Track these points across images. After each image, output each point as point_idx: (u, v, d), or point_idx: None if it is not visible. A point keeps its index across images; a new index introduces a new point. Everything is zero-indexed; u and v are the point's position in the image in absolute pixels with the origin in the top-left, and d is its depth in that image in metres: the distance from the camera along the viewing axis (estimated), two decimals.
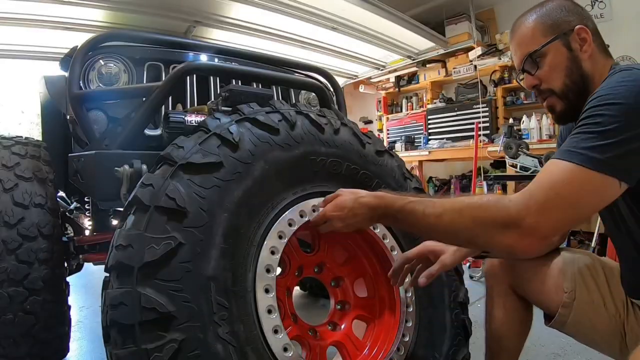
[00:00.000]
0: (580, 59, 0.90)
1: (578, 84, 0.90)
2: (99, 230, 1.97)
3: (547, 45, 0.90)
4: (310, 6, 2.69)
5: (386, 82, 5.57)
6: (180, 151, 0.89)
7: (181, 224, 0.81)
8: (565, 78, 0.91)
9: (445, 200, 0.81)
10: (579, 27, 0.90)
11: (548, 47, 0.91)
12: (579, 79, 0.90)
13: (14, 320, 1.16)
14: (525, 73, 0.96)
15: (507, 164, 3.60)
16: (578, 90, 0.90)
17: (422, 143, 4.90)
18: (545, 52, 0.91)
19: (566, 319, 1.02)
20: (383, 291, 1.20)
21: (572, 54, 0.90)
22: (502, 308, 1.12)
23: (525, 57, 0.93)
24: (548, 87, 0.94)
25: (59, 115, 1.88)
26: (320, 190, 1.06)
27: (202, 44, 1.86)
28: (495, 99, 4.44)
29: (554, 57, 0.91)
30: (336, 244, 1.24)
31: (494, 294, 1.15)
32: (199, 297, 0.78)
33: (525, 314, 1.13)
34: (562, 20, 0.91)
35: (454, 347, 1.14)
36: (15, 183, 1.27)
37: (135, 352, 0.73)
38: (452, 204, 0.80)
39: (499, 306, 1.13)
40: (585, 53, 0.90)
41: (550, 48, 0.91)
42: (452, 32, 4.30)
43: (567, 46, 0.90)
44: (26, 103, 5.29)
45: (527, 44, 0.94)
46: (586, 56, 0.90)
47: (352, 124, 1.22)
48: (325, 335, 1.13)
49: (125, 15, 2.43)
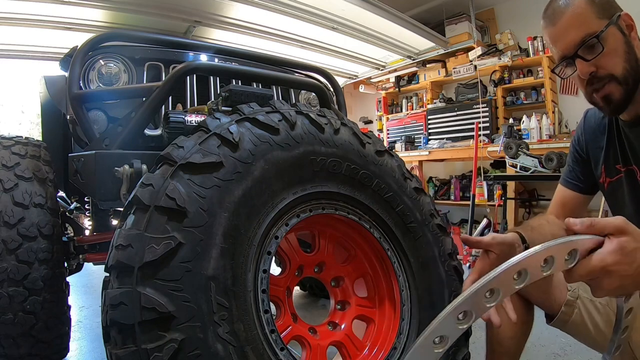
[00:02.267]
0: (633, 45, 0.87)
1: (635, 69, 0.87)
2: (99, 230, 1.98)
3: (607, 28, 0.84)
4: (310, 6, 2.69)
5: (386, 82, 5.57)
6: (180, 151, 0.89)
7: (181, 223, 0.81)
8: (625, 63, 0.86)
9: None
10: (624, 13, 0.87)
11: (607, 30, 0.85)
12: (635, 64, 0.87)
13: (14, 320, 1.16)
14: (578, 60, 0.88)
15: (507, 164, 3.60)
16: (635, 75, 0.87)
17: (422, 143, 4.90)
18: (605, 36, 0.85)
19: (568, 317, 1.02)
20: (383, 291, 1.20)
21: (626, 39, 0.87)
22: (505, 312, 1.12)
23: (584, 41, 0.85)
24: (608, 72, 0.87)
25: (59, 115, 1.88)
26: (320, 190, 1.06)
27: (202, 44, 1.86)
28: (495, 99, 4.44)
29: (614, 41, 0.85)
30: (336, 244, 1.24)
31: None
32: (199, 296, 0.78)
33: (526, 314, 1.12)
34: (610, 4, 0.88)
35: (454, 347, 1.14)
36: (15, 183, 1.27)
37: (135, 352, 0.73)
38: None
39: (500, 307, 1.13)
40: (634, 40, 0.88)
41: (609, 32, 0.85)
42: (452, 32, 4.30)
43: (622, 31, 0.87)
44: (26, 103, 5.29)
45: (581, 26, 0.86)
46: (636, 43, 0.88)
47: (352, 124, 1.22)
48: (325, 335, 1.13)
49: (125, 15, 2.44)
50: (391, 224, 1.17)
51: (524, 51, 4.18)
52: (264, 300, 0.90)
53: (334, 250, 1.24)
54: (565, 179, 1.20)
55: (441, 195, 4.93)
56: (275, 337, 0.88)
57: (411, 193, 1.23)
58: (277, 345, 0.87)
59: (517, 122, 4.12)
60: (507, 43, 4.26)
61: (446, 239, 1.25)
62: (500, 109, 4.42)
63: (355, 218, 1.14)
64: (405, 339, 1.10)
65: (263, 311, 0.88)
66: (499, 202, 3.85)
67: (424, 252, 1.20)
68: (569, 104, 4.01)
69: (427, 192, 1.30)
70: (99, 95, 1.33)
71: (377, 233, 1.17)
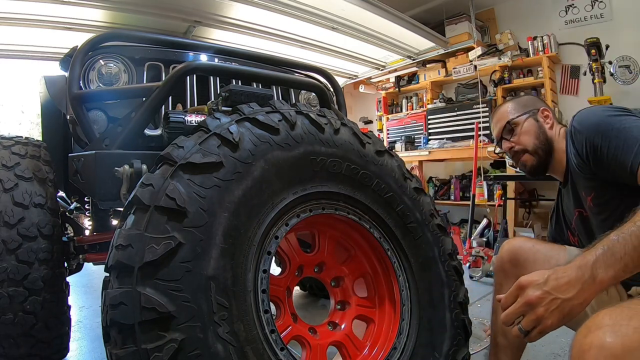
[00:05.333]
0: (545, 128, 1.23)
1: (544, 145, 1.22)
2: (99, 230, 1.98)
3: (520, 117, 1.25)
4: (310, 6, 2.69)
5: (386, 82, 5.56)
6: (180, 151, 0.89)
7: (181, 223, 0.81)
8: (535, 140, 1.22)
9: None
10: (543, 107, 1.26)
11: (521, 117, 1.25)
12: (545, 141, 1.22)
13: (14, 320, 1.16)
14: (503, 140, 1.28)
15: (507, 164, 3.60)
16: (545, 149, 1.21)
17: (422, 143, 4.90)
18: (518, 121, 1.25)
19: None
20: (383, 291, 1.20)
21: (539, 124, 1.24)
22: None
23: (504, 126, 1.26)
24: (522, 146, 1.24)
25: (59, 115, 1.88)
26: (320, 190, 1.06)
27: (202, 44, 1.86)
28: (495, 99, 4.44)
29: (526, 126, 1.24)
30: (336, 244, 1.24)
31: (502, 290, 1.18)
32: (199, 297, 0.78)
33: None
34: (530, 103, 1.28)
35: (454, 347, 1.14)
36: (15, 183, 1.27)
37: (135, 352, 0.73)
38: None
39: None
40: (548, 124, 1.24)
41: (522, 119, 1.24)
42: (452, 32, 4.30)
43: (535, 119, 1.24)
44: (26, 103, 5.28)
45: (505, 118, 1.27)
46: (548, 126, 1.23)
47: (352, 124, 1.22)
48: (325, 335, 1.13)
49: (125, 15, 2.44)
50: (391, 224, 1.17)
51: (524, 51, 4.18)
52: (264, 300, 0.90)
53: (334, 250, 1.24)
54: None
55: (441, 195, 4.93)
56: (275, 337, 0.88)
57: (411, 193, 1.23)
58: (277, 345, 0.88)
59: None
60: (507, 43, 4.26)
61: (446, 239, 1.26)
62: None
63: (355, 218, 1.14)
64: (405, 339, 1.10)
65: (263, 311, 0.88)
66: (499, 202, 3.85)
67: (424, 252, 1.20)
68: (569, 104, 4.00)
69: (427, 192, 1.30)
70: (99, 95, 1.33)
71: (377, 233, 1.17)
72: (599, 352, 0.56)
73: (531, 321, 0.73)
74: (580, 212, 1.19)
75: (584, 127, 1.04)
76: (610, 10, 3.79)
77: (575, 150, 1.07)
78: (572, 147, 1.09)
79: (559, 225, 1.35)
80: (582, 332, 0.61)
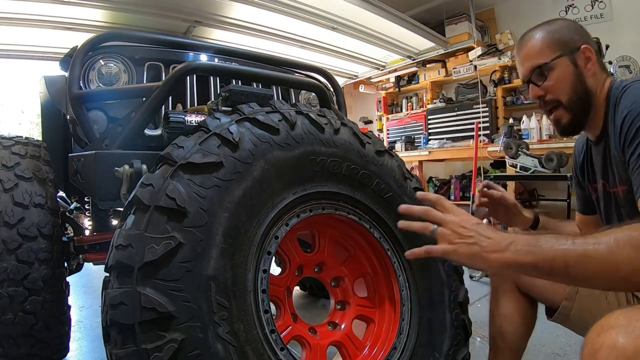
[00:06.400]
0: (585, 76, 0.97)
1: (582, 98, 0.98)
2: (99, 230, 1.98)
3: (556, 60, 0.97)
4: (310, 6, 2.69)
5: (386, 82, 5.57)
6: (180, 151, 0.89)
7: (181, 223, 0.81)
8: (571, 91, 0.98)
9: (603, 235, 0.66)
10: (584, 46, 0.97)
11: (556, 61, 0.97)
12: (583, 94, 0.97)
13: (14, 320, 1.16)
14: (531, 84, 1.02)
15: (507, 164, 3.60)
16: (582, 103, 0.98)
17: (422, 143, 4.90)
18: (553, 65, 0.97)
19: (569, 311, 1.05)
20: (383, 291, 1.20)
21: (578, 70, 0.97)
22: (507, 305, 1.14)
23: (534, 69, 1.00)
24: (554, 98, 1.00)
25: (59, 115, 1.88)
26: (320, 190, 1.06)
27: (202, 44, 1.86)
28: (495, 99, 4.44)
29: (561, 71, 0.97)
30: (336, 244, 1.24)
31: (499, 292, 1.17)
32: (199, 297, 0.78)
33: (530, 310, 1.15)
34: (569, 38, 0.99)
35: (454, 347, 1.14)
36: (15, 183, 1.27)
37: (135, 352, 0.73)
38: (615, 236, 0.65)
39: (504, 303, 1.15)
40: (589, 70, 0.97)
41: (558, 62, 0.97)
42: (452, 32, 4.30)
43: (574, 62, 0.97)
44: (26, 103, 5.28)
45: (535, 57, 1.00)
46: (590, 73, 0.97)
47: (352, 124, 1.22)
48: (325, 335, 1.13)
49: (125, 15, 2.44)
50: (391, 224, 1.17)
51: None
52: (264, 300, 0.90)
53: (334, 250, 1.24)
54: (580, 209, 1.25)
55: (441, 195, 4.93)
56: (275, 337, 0.88)
57: (411, 193, 1.23)
58: (277, 345, 0.88)
59: (517, 122, 4.11)
60: (507, 43, 4.26)
61: None
62: (500, 109, 4.41)
63: (355, 218, 1.14)
64: (405, 338, 1.10)
65: (263, 311, 0.88)
66: None
67: None
68: None
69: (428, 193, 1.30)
70: (99, 95, 1.33)
71: (377, 233, 1.17)
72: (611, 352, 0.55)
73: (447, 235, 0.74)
74: (605, 184, 1.04)
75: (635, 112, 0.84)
76: (610, 10, 3.79)
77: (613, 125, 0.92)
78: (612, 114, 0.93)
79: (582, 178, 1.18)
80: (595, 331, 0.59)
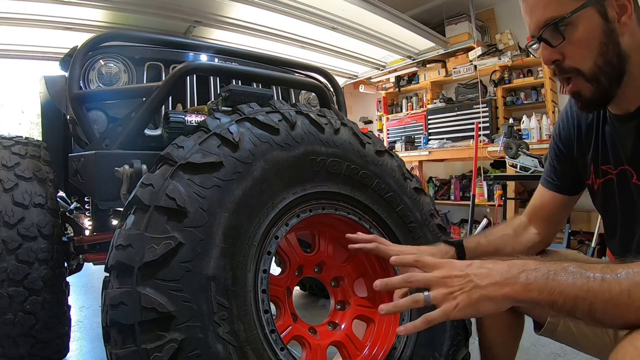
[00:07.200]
0: (618, 33, 0.70)
1: (613, 65, 0.71)
2: (99, 230, 1.98)
3: (579, 11, 0.69)
4: (310, 6, 2.69)
5: (386, 82, 5.56)
6: (180, 151, 0.89)
7: (181, 223, 0.81)
8: (597, 57, 0.71)
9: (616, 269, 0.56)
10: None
11: (579, 13, 0.69)
12: (615, 59, 0.71)
13: (14, 320, 1.16)
14: (543, 43, 0.74)
15: (507, 164, 3.60)
16: (612, 72, 0.71)
17: (422, 143, 4.90)
18: (574, 20, 0.69)
19: (555, 327, 1.02)
20: (383, 291, 1.20)
21: (609, 26, 0.69)
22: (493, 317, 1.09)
23: (547, 23, 0.71)
24: (574, 66, 0.73)
25: (59, 115, 1.88)
26: (320, 190, 1.06)
27: (202, 44, 1.86)
28: (495, 99, 4.44)
29: (586, 28, 0.70)
30: (336, 244, 1.24)
31: None
32: (199, 296, 0.78)
33: (515, 320, 1.11)
34: None
35: (454, 347, 1.14)
36: (15, 183, 1.27)
37: (135, 352, 0.73)
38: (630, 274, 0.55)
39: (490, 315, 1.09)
40: (625, 26, 0.70)
41: (581, 15, 0.69)
42: (452, 32, 4.30)
43: (603, 15, 0.69)
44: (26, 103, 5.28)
45: (549, 4, 0.71)
46: (625, 29, 0.70)
47: (352, 124, 1.22)
48: (325, 335, 1.13)
49: (125, 15, 2.44)
50: (391, 224, 1.17)
51: (524, 51, 4.17)
52: (264, 300, 0.90)
53: (334, 250, 1.24)
54: (545, 178, 1.06)
55: (441, 195, 4.93)
56: (275, 337, 0.88)
57: (411, 193, 1.23)
58: (277, 345, 0.87)
59: (517, 122, 4.11)
60: (507, 43, 4.25)
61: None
62: (500, 109, 4.41)
63: (355, 218, 1.14)
64: (405, 338, 1.10)
65: (263, 311, 0.88)
66: (499, 202, 3.85)
67: None
68: None
69: (427, 192, 1.30)
70: (99, 95, 1.33)
71: (377, 233, 1.17)
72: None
73: (441, 295, 0.64)
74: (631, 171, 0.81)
75: None
76: None
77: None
78: None
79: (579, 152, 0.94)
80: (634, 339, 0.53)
